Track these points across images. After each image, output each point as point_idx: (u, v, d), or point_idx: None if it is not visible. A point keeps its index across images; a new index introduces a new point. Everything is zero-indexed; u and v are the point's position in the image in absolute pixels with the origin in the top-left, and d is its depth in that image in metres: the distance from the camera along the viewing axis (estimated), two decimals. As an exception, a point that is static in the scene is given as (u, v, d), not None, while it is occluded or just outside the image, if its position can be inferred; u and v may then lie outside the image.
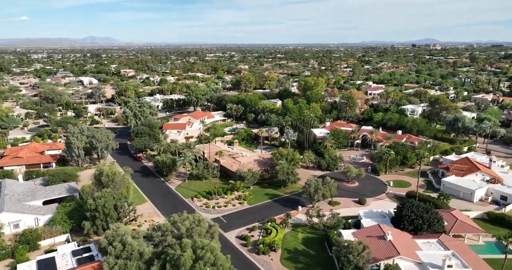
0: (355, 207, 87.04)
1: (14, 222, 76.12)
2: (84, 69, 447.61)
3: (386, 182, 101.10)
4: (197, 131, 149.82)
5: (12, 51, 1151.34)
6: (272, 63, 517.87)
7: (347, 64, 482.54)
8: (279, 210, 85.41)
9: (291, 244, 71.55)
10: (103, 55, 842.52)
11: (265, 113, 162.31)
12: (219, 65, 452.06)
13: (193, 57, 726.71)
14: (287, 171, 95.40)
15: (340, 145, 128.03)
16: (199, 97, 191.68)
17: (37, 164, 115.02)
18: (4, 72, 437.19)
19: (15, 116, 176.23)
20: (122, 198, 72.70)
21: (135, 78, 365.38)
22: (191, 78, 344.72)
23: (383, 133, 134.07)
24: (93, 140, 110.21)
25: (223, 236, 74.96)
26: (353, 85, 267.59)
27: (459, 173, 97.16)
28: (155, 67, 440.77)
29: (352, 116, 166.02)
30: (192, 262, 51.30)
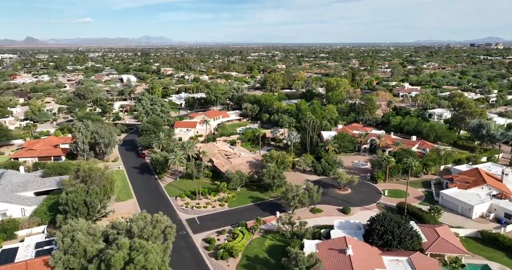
0: (338, 216, 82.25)
1: (1, 211, 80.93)
2: (129, 67, 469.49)
3: (382, 191, 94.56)
4: (207, 130, 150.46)
5: (74, 50, 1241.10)
6: (311, 63, 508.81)
7: (389, 65, 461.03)
8: (258, 214, 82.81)
9: (254, 251, 69.06)
10: (151, 54, 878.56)
11: (279, 114, 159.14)
12: (255, 64, 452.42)
13: (236, 56, 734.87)
14: (273, 174, 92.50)
15: (346, 149, 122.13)
16: (218, 96, 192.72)
17: (48, 156, 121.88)
18: (58, 70, 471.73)
19: (47, 111, 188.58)
20: (93, 194, 74.37)
21: (172, 76, 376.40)
22: (225, 77, 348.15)
23: (394, 138, 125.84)
24: (96, 136, 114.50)
25: (190, 237, 74.43)
26: (385, 87, 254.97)
27: (463, 185, 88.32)
28: (193, 66, 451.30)
29: (370, 119, 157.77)
30: (123, 263, 51.05)
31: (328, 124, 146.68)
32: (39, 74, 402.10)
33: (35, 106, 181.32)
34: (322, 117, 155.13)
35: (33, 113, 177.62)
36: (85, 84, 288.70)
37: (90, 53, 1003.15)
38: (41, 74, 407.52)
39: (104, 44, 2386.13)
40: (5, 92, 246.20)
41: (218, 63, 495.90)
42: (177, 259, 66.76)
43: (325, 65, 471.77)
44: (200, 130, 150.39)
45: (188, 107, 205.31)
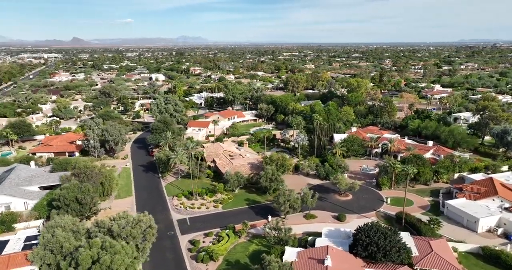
0: (333, 223, 78.97)
1: (6, 204, 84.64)
2: (160, 66, 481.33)
3: (385, 198, 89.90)
4: (219, 130, 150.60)
5: (115, 50, 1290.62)
6: (341, 63, 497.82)
7: (423, 65, 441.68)
8: (250, 217, 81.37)
9: (237, 255, 67.59)
10: (186, 53, 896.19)
11: (293, 115, 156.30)
12: (283, 64, 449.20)
13: (267, 56, 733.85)
14: (270, 177, 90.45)
15: (355, 153, 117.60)
16: (235, 96, 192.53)
17: (63, 152, 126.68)
18: (95, 68, 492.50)
19: (73, 108, 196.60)
20: (86, 191, 75.94)
21: (200, 76, 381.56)
22: (251, 76, 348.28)
23: (408, 143, 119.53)
24: (106, 133, 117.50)
25: (176, 238, 74.19)
26: (414, 88, 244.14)
27: (473, 195, 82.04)
28: (222, 66, 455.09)
29: (389, 122, 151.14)
30: (90, 262, 51.39)
31: (342, 127, 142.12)
32: (76, 73, 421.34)
33: (61, 103, 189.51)
34: (338, 119, 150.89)
35: (59, 110, 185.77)
36: (115, 83, 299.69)
37: (128, 52, 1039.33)
38: (78, 72, 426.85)
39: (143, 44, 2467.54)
40: (40, 90, 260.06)
41: (246, 63, 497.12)
42: (158, 260, 66.80)
43: (355, 65, 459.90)
44: (213, 130, 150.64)
45: (207, 106, 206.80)
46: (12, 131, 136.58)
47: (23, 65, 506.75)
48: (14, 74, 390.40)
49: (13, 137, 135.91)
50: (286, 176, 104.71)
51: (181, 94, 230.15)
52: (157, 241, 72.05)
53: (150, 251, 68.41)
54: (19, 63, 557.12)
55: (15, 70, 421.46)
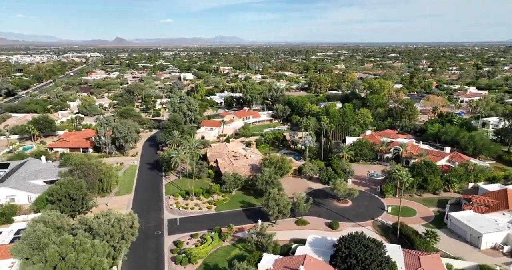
0: (325, 230, 75.58)
1: (11, 196, 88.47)
2: (191, 66, 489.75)
3: (387, 206, 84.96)
4: (232, 130, 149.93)
5: (153, 49, 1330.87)
6: (374, 63, 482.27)
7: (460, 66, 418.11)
8: (241, 221, 79.80)
9: (217, 259, 66.19)
10: (220, 53, 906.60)
11: (307, 116, 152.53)
12: (312, 64, 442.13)
13: (300, 56, 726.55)
14: (266, 180, 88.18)
15: (365, 157, 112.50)
16: (253, 96, 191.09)
17: (78, 148, 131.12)
18: (129, 67, 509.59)
19: (98, 105, 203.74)
20: (78, 187, 77.44)
21: (228, 75, 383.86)
22: (278, 76, 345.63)
23: (422, 148, 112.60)
24: (116, 131, 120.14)
25: (162, 238, 73.95)
26: (445, 90, 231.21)
27: (481, 208, 75.50)
28: (252, 65, 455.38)
29: (408, 126, 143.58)
30: (57, 259, 51.91)
31: (356, 130, 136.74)
32: (111, 71, 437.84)
33: (86, 101, 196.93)
34: (354, 121, 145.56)
35: (84, 107, 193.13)
36: (144, 81, 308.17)
37: (165, 52, 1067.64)
38: (113, 71, 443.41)
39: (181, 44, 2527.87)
40: (72, 87, 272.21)
41: (276, 63, 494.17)
42: (139, 259, 66.74)
43: (388, 66, 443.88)
44: (226, 130, 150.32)
45: (226, 106, 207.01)
46: (34, 126, 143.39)
47: (64, 64, 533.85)
48: (55, 72, 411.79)
49: (35, 131, 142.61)
50: (288, 179, 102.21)
51: (203, 94, 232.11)
52: (143, 240, 72.81)
53: (133, 250, 69.09)
54: (62, 62, 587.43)
55: (56, 68, 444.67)
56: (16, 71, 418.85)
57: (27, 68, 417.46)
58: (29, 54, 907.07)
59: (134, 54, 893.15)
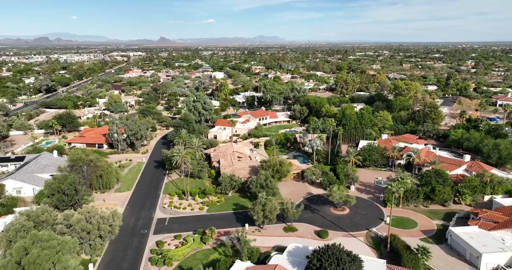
0: (312, 239, 71.83)
1: (17, 188, 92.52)
2: (227, 65, 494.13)
3: (387, 217, 79.37)
4: (245, 130, 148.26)
5: (194, 49, 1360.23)
6: (412, 64, 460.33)
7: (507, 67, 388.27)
8: (229, 224, 77.93)
9: (193, 262, 64.67)
10: (257, 53, 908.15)
11: (324, 118, 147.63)
12: (348, 64, 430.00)
13: (337, 56, 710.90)
14: (261, 183, 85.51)
15: (375, 163, 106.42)
16: (273, 96, 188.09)
17: (94, 144, 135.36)
18: (166, 66, 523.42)
19: (124, 102, 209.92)
20: (72, 183, 79.15)
21: (259, 75, 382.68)
22: (308, 76, 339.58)
23: (438, 155, 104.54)
24: (126, 128, 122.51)
25: (147, 237, 73.52)
26: (484, 93, 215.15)
27: (488, 224, 68.27)
28: (284, 65, 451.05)
29: (430, 131, 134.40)
30: (24, 253, 52.76)
31: (373, 133, 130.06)
32: (147, 70, 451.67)
33: (112, 98, 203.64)
34: (372, 124, 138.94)
35: (110, 104, 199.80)
36: (175, 80, 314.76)
37: (204, 51, 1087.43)
38: (150, 69, 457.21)
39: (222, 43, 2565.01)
40: (105, 85, 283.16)
41: (309, 63, 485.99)
42: (117, 257, 66.59)
43: (428, 66, 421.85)
44: (239, 130, 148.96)
45: (247, 105, 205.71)
46: (57, 122, 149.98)
47: (106, 62, 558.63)
48: (95, 70, 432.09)
49: (58, 127, 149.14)
50: (289, 182, 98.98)
51: (227, 93, 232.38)
52: (127, 238, 73.03)
53: (114, 247, 69.51)
54: (104, 60, 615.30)
55: (97, 67, 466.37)
56: (61, 69, 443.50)
57: (70, 67, 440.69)
58: (79, 53, 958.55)
59: (174, 54, 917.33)
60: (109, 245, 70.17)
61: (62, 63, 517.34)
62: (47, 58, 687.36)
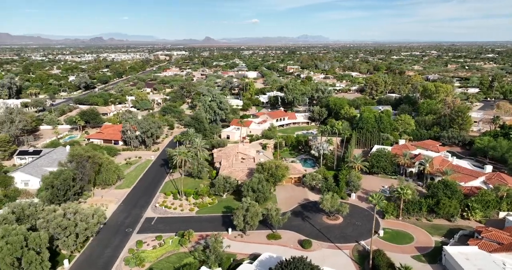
0: (295, 248, 68.00)
1: (25, 181, 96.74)
2: (264, 64, 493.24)
3: (382, 229, 73.49)
4: (259, 130, 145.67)
5: (236, 48, 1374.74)
6: (459, 65, 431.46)
7: None
8: (214, 227, 76.07)
9: (165, 265, 63.52)
10: (297, 52, 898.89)
11: (342, 120, 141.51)
12: (383, 64, 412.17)
13: (380, 56, 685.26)
14: (252, 187, 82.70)
15: (384, 170, 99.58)
16: (295, 97, 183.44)
17: (110, 140, 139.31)
18: (203, 65, 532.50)
19: (151, 100, 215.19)
20: (66, 179, 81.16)
21: (292, 74, 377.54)
22: (341, 77, 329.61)
23: (455, 165, 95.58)
24: (137, 126, 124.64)
25: (129, 236, 73.48)
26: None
27: (490, 245, 60.75)
28: (320, 65, 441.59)
29: (455, 137, 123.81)
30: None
31: (390, 138, 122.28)
32: (185, 69, 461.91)
33: (138, 95, 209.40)
34: (392, 128, 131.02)
35: (136, 102, 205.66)
36: (207, 79, 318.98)
37: (244, 51, 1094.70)
38: (187, 68, 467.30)
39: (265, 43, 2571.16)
40: (139, 83, 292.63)
41: (346, 63, 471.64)
42: (94, 255, 66.91)
43: (476, 67, 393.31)
44: (254, 130, 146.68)
45: (270, 106, 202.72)
46: (81, 118, 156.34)
47: (147, 61, 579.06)
48: (136, 69, 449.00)
49: (81, 122, 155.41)
50: (288, 187, 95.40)
51: (253, 92, 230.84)
52: (110, 236, 73.51)
53: (95, 244, 70.14)
54: (146, 59, 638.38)
55: (138, 65, 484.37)
56: (104, 67, 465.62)
57: (112, 65, 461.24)
58: (127, 52, 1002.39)
59: (215, 53, 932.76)
60: (92, 241, 71.02)
61: (106, 62, 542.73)
62: (96, 57, 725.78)
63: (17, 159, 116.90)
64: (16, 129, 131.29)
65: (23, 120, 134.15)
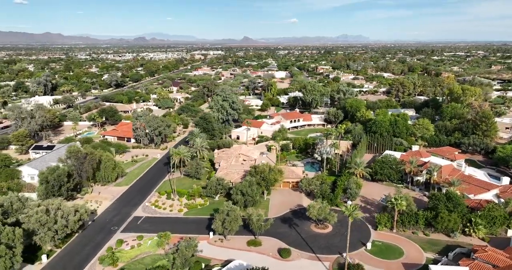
0: (273, 257, 65.00)
1: (31, 175, 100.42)
2: (295, 64, 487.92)
3: (372, 241, 68.55)
4: (270, 132, 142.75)
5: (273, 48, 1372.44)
6: (504, 65, 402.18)
7: None
8: (198, 229, 74.80)
9: (137, 267, 62.90)
10: (333, 52, 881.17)
11: (356, 123, 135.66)
12: (418, 65, 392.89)
13: (419, 56, 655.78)
14: (241, 190, 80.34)
15: (388, 178, 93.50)
16: (314, 98, 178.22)
17: (123, 137, 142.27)
18: (236, 65, 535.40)
19: (171, 99, 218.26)
20: (60, 175, 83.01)
21: (322, 75, 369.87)
22: (372, 78, 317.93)
23: (468, 175, 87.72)
24: (146, 124, 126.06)
25: (113, 234, 73.71)
26: None
27: (483, 267, 54.46)
28: (352, 65, 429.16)
29: (477, 145, 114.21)
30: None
31: (403, 143, 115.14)
32: (216, 68, 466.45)
33: (160, 94, 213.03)
34: (409, 133, 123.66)
35: (158, 100, 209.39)
36: (234, 78, 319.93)
37: (280, 50, 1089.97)
38: (218, 68, 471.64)
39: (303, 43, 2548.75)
40: (166, 82, 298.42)
41: (381, 64, 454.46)
42: (74, 252, 67.52)
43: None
44: (265, 131, 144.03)
45: (289, 106, 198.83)
46: (99, 115, 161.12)
47: (181, 60, 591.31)
48: (169, 68, 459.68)
49: (99, 119, 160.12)
50: (285, 191, 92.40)
51: (275, 93, 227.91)
52: (94, 233, 74.21)
53: (77, 241, 71.03)
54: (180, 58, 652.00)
55: (171, 64, 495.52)
56: (139, 66, 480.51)
57: (146, 64, 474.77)
58: (165, 52, 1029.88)
59: (250, 52, 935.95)
60: (75, 238, 71.99)
61: (141, 61, 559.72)
62: (135, 56, 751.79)
63: (33, 153, 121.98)
64: (35, 124, 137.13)
65: (42, 116, 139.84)
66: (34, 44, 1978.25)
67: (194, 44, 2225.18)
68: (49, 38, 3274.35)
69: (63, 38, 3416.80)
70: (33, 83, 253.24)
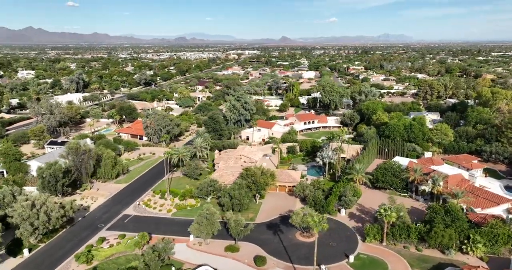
0: (247, 264, 62.46)
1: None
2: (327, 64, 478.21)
3: (357, 254, 64.04)
4: (280, 133, 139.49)
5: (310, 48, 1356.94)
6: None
7: None
8: (181, 231, 73.38)
9: (111, 266, 62.75)
10: (371, 52, 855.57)
11: (370, 126, 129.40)
12: (455, 66, 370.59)
13: (462, 56, 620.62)
14: (229, 193, 78.29)
15: (390, 186, 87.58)
16: (332, 99, 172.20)
17: (136, 135, 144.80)
18: (267, 65, 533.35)
19: (194, 98, 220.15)
20: (57, 172, 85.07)
21: (352, 75, 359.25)
22: (404, 79, 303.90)
23: (477, 187, 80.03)
24: (155, 123, 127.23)
25: (97, 232, 74.38)
26: None
27: (467, 292, 48.76)
28: (386, 66, 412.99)
29: (501, 153, 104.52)
30: None
31: (416, 150, 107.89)
32: (246, 68, 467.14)
33: (181, 93, 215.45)
34: (426, 138, 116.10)
35: (179, 99, 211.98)
36: (261, 77, 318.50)
37: (316, 50, 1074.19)
38: (249, 67, 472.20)
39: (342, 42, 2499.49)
40: (192, 81, 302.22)
41: (417, 64, 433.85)
42: (55, 247, 68.61)
43: None
44: (276, 133, 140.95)
45: (308, 107, 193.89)
46: (117, 113, 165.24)
47: (213, 60, 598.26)
48: (200, 67, 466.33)
49: (116, 117, 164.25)
50: (281, 195, 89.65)
51: (297, 93, 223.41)
52: (80, 230, 75.29)
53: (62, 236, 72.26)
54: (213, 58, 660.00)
55: (203, 64, 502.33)
56: (172, 65, 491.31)
57: (178, 64, 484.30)
58: (203, 52, 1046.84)
59: (285, 52, 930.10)
60: (61, 233, 73.32)
61: (174, 60, 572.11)
62: (172, 56, 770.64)
63: (48, 148, 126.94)
64: (54, 121, 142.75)
65: (61, 113, 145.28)
66: (83, 44, 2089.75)
67: (231, 44, 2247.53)
68: (97, 38, 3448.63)
69: (109, 38, 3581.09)
70: (66, 81, 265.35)
